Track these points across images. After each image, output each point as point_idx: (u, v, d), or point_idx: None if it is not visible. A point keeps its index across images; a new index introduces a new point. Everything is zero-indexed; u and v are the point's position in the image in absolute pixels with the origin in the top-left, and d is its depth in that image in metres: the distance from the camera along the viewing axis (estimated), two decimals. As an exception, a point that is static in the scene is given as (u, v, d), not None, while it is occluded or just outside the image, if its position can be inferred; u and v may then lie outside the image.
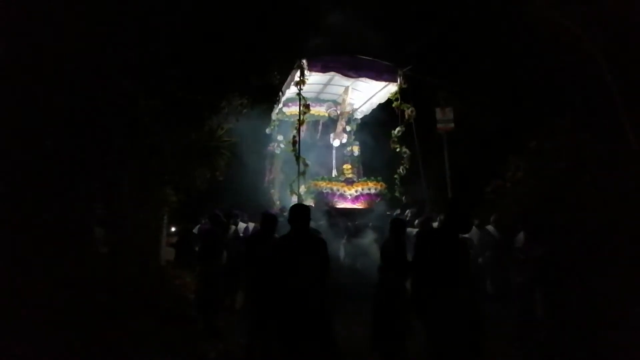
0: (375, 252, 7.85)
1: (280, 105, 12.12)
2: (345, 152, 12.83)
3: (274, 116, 12.78)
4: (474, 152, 15.09)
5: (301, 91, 9.88)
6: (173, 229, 16.08)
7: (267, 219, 5.87)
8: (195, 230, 11.31)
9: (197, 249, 7.62)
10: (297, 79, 9.80)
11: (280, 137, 12.61)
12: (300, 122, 10.31)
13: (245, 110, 7.48)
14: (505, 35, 13.29)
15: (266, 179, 12.92)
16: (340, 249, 9.64)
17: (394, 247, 5.67)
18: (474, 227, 9.16)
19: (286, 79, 10.65)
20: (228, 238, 8.13)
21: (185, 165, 8.89)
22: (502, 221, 8.45)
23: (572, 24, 9.75)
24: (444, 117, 14.31)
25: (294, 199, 9.95)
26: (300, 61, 9.67)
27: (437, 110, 13.82)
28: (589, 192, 9.39)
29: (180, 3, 5.26)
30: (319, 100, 13.01)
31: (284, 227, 7.19)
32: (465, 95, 14.06)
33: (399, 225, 5.98)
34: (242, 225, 9.80)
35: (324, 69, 10.26)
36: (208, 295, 6.82)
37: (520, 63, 13.34)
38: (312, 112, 12.41)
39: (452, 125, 13.98)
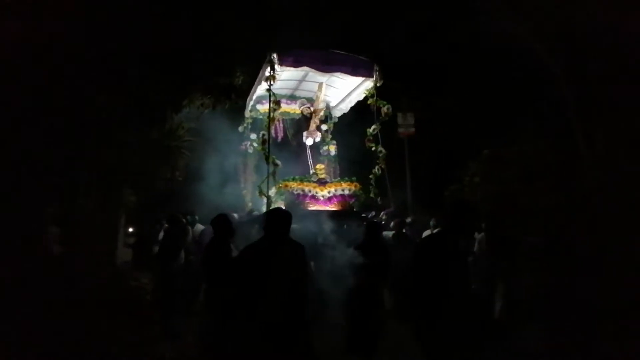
0: (350, 255, 7.81)
1: (252, 102, 11.56)
2: (321, 151, 12.37)
3: (246, 114, 12.18)
4: (434, 156, 15.42)
5: (272, 87, 9.39)
6: (131, 230, 15.78)
7: (219, 223, 5.50)
8: (154, 231, 11.02)
9: (155, 250, 7.44)
10: (267, 74, 9.35)
11: (253, 136, 11.96)
12: (271, 120, 9.79)
13: (207, 110, 7.37)
14: (465, 46, 13.66)
15: (238, 179, 12.37)
16: (313, 252, 9.49)
17: (369, 249, 5.55)
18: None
19: (257, 76, 10.20)
20: (186, 240, 8.01)
21: (145, 165, 8.73)
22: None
23: (529, 36, 10.08)
24: (405, 122, 14.63)
25: (264, 201, 9.70)
26: (271, 55, 9.23)
27: (399, 115, 14.03)
28: (540, 198, 9.77)
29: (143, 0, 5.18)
30: (293, 98, 12.41)
31: (247, 229, 7.17)
32: (425, 101, 14.41)
33: (374, 227, 5.86)
34: (199, 228, 9.60)
35: (295, 64, 9.75)
36: (166, 296, 6.70)
37: (480, 72, 13.74)
38: (286, 109, 12.19)
39: (413, 129, 14.26)
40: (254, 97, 11.29)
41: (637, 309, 4.60)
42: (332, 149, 12.39)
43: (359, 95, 11.51)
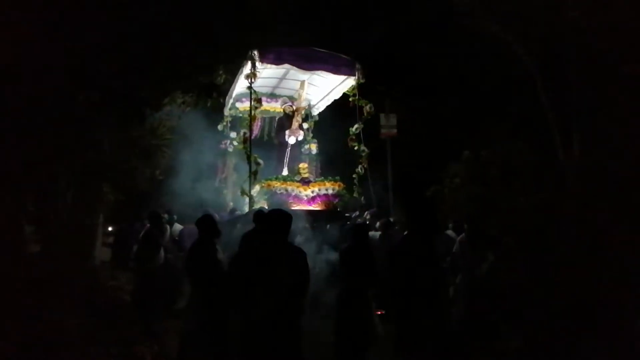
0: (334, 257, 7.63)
1: (232, 100, 11.62)
2: (303, 150, 12.09)
3: (226, 112, 12.19)
4: (415, 158, 15.51)
5: (252, 84, 9.27)
6: (110, 229, 15.56)
7: (205, 224, 5.34)
8: (134, 230, 10.83)
9: (134, 249, 7.30)
10: (248, 71, 9.20)
11: (233, 134, 11.89)
12: (252, 118, 9.79)
13: (188, 109, 7.31)
14: (446, 48, 13.78)
15: (218, 178, 12.24)
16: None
17: (356, 252, 5.36)
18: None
19: (237, 73, 10.07)
20: (166, 239, 7.91)
21: (125, 163, 8.62)
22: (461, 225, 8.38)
23: (510, 39, 10.21)
24: (388, 123, 14.71)
25: (246, 200, 9.42)
26: (251, 52, 9.08)
27: (381, 116, 14.07)
28: (518, 199, 9.91)
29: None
30: (274, 96, 12.33)
31: (229, 229, 7.08)
32: (407, 103, 14.50)
33: (361, 230, 5.66)
34: (177, 227, 9.47)
35: (277, 61, 9.68)
36: (145, 296, 6.60)
37: (461, 74, 13.88)
38: (267, 108, 12.05)
39: (395, 131, 14.34)
40: (234, 95, 11.30)
41: (612, 307, 4.69)
42: (314, 148, 12.23)
43: (337, 93, 11.48)
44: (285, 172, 10.69)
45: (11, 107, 5.03)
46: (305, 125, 12.31)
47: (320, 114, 12.83)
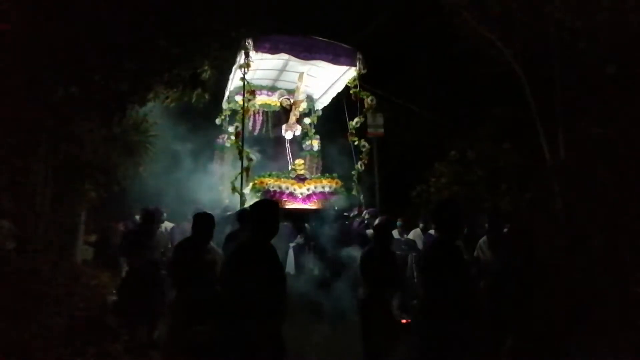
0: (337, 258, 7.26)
1: (229, 93, 11.17)
2: (304, 146, 11.69)
3: (224, 105, 11.65)
4: (401, 157, 15.53)
5: (252, 77, 8.97)
6: (91, 227, 15.30)
7: (201, 223, 4.94)
8: (121, 228, 10.47)
9: (122, 247, 6.85)
10: (241, 61, 8.79)
11: (231, 129, 11.04)
12: (246, 111, 9.32)
13: (173, 104, 7.18)
14: (433, 47, 13.82)
15: (216, 174, 11.55)
16: (290, 255, 9.00)
17: (379, 256, 4.96)
18: (418, 230, 8.95)
19: (231, 68, 9.77)
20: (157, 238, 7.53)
21: (107, 160, 8.46)
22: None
23: (496, 40, 10.26)
24: (374, 122, 14.68)
25: (238, 198, 8.95)
26: (245, 41, 8.58)
27: (368, 115, 14.02)
28: (504, 199, 9.96)
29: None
30: (274, 89, 11.72)
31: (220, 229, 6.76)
32: (393, 102, 14.50)
33: (382, 231, 5.20)
34: (168, 225, 9.24)
35: (272, 50, 9.16)
36: (136, 299, 5.94)
37: (447, 74, 13.93)
38: (266, 101, 11.59)
39: (382, 130, 14.32)
40: (231, 88, 10.88)
41: (599, 307, 4.70)
42: (316, 144, 11.77)
43: (340, 86, 10.89)
44: (290, 169, 10.15)
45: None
46: (307, 120, 11.93)
47: (325, 108, 12.28)
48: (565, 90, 9.56)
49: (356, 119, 10.34)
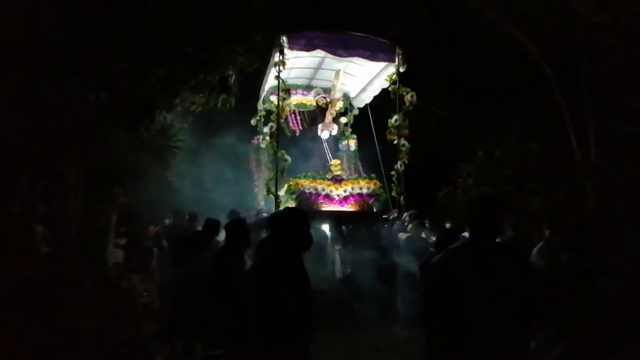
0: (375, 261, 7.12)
1: (264, 93, 11.02)
2: (340, 146, 11.35)
3: (259, 106, 11.48)
4: (427, 158, 15.37)
5: (287, 77, 8.77)
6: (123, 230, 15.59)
7: (234, 230, 4.63)
8: (158, 232, 10.27)
9: (175, 254, 6.29)
10: (276, 59, 8.60)
11: (266, 130, 10.79)
12: (282, 110, 9.17)
13: (199, 109, 7.27)
14: (459, 46, 13.67)
15: (253, 177, 11.48)
16: (334, 257, 8.70)
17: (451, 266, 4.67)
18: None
19: (266, 70, 9.65)
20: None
21: (136, 164, 8.62)
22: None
23: (523, 37, 10.09)
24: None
25: (273, 200, 8.89)
26: (280, 38, 8.43)
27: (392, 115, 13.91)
28: (533, 199, 9.75)
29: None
30: (310, 88, 11.41)
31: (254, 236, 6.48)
32: (419, 102, 14.36)
33: (450, 237, 4.74)
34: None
35: (308, 47, 8.83)
36: (190, 310, 5.30)
37: (473, 73, 13.75)
38: (302, 101, 11.39)
39: (407, 131, 14.18)
40: (267, 88, 10.72)
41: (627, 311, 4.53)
42: (352, 144, 11.47)
43: (382, 83, 10.43)
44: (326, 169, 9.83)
45: (21, 108, 5.04)
46: (343, 120, 11.62)
47: (365, 107, 11.86)
48: (595, 87, 9.33)
49: (395, 117, 9.91)
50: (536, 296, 2.84)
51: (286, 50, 8.58)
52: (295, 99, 11.22)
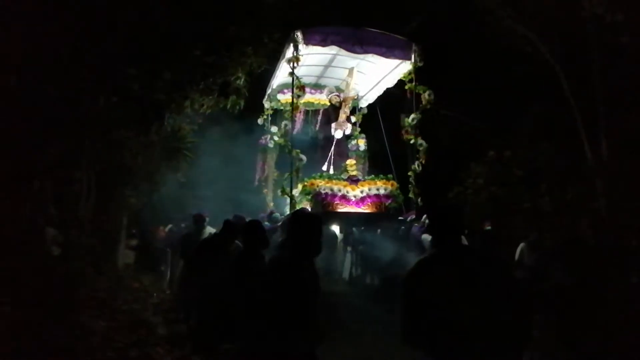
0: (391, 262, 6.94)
1: (271, 91, 10.77)
2: (350, 146, 11.11)
3: (266, 104, 11.21)
4: (436, 158, 15.30)
5: (295, 70, 8.35)
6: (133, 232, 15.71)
7: (251, 232, 4.50)
8: (172, 234, 10.13)
9: (197, 257, 6.07)
10: (290, 55, 8.30)
11: (273, 129, 10.79)
12: (295, 107, 8.78)
13: (208, 111, 7.32)
14: (469, 46, 13.60)
15: (257, 177, 11.18)
16: (345, 258, 8.71)
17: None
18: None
19: (274, 69, 9.45)
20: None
21: (146, 166, 8.68)
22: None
23: (533, 37, 10.02)
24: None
25: (288, 201, 8.63)
26: (294, 33, 8.09)
27: (402, 116, 13.88)
28: (543, 200, 9.66)
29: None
30: (319, 86, 11.17)
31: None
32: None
33: (489, 240, 4.63)
34: (209, 230, 9.07)
35: (323, 43, 8.53)
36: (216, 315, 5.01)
37: (483, 73, 13.67)
38: (311, 99, 11.17)
39: (418, 131, 14.12)
40: (274, 86, 10.49)
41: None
42: (362, 143, 11.31)
43: (389, 82, 10.31)
44: (331, 171, 9.73)
45: (33, 111, 5.11)
46: (352, 119, 11.36)
47: (369, 106, 11.69)
48: (606, 86, 9.23)
49: (412, 116, 9.59)
50: (513, 305, 2.67)
51: (300, 46, 8.30)
52: (304, 97, 11.13)
